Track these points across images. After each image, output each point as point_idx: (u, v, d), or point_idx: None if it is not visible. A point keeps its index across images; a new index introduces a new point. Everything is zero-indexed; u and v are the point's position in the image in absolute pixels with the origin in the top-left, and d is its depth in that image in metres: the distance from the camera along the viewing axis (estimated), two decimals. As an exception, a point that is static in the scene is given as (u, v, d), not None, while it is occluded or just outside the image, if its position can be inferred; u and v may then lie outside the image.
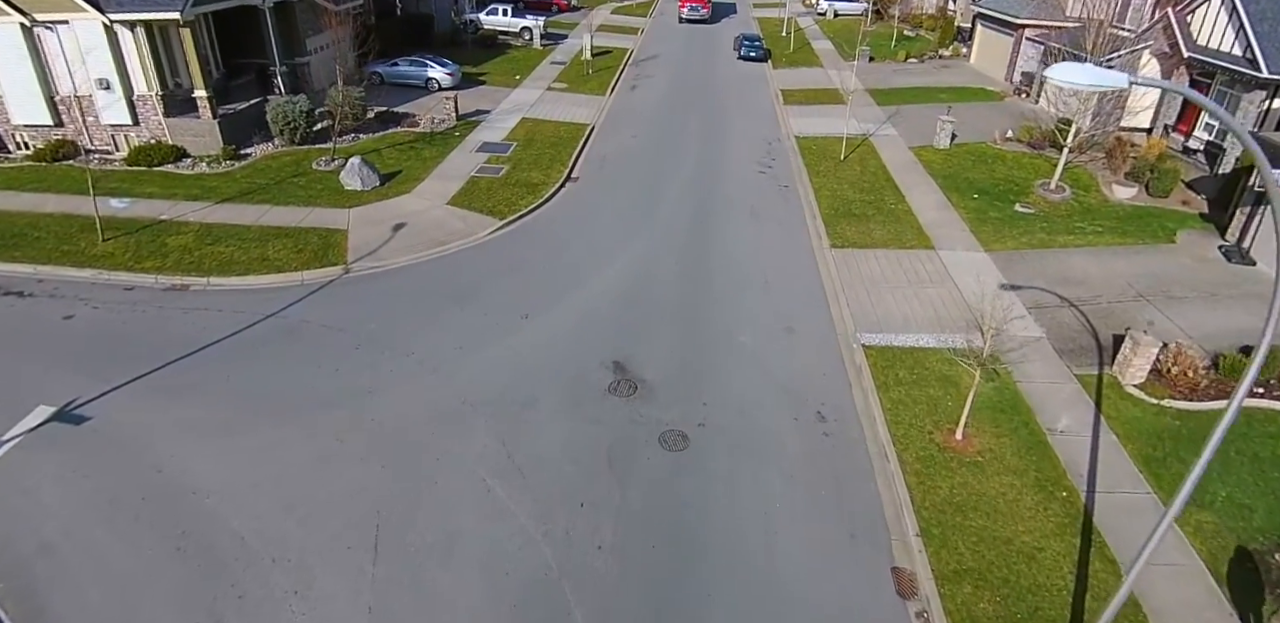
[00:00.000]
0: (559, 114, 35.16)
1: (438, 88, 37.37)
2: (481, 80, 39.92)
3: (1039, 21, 39.74)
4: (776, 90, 40.58)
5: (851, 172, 29.17)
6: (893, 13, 59.64)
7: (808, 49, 50.60)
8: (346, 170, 26.32)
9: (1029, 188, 28.04)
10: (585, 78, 41.40)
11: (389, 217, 24.39)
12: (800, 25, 58.17)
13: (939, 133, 31.65)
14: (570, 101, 37.24)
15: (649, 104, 37.54)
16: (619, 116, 35.49)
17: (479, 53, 45.00)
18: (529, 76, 41.26)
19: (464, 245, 22.86)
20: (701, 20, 58.44)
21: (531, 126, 33.18)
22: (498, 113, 34.89)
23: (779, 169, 29.65)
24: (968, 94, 40.03)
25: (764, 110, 37.31)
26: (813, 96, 39.29)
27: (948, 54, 48.92)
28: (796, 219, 25.29)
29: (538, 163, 29.01)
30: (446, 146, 30.39)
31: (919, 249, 23.32)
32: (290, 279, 20.96)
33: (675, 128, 33.90)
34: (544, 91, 38.66)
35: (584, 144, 31.57)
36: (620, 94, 39.30)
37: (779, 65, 46.15)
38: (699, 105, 37.58)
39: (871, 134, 33.49)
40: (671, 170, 28.91)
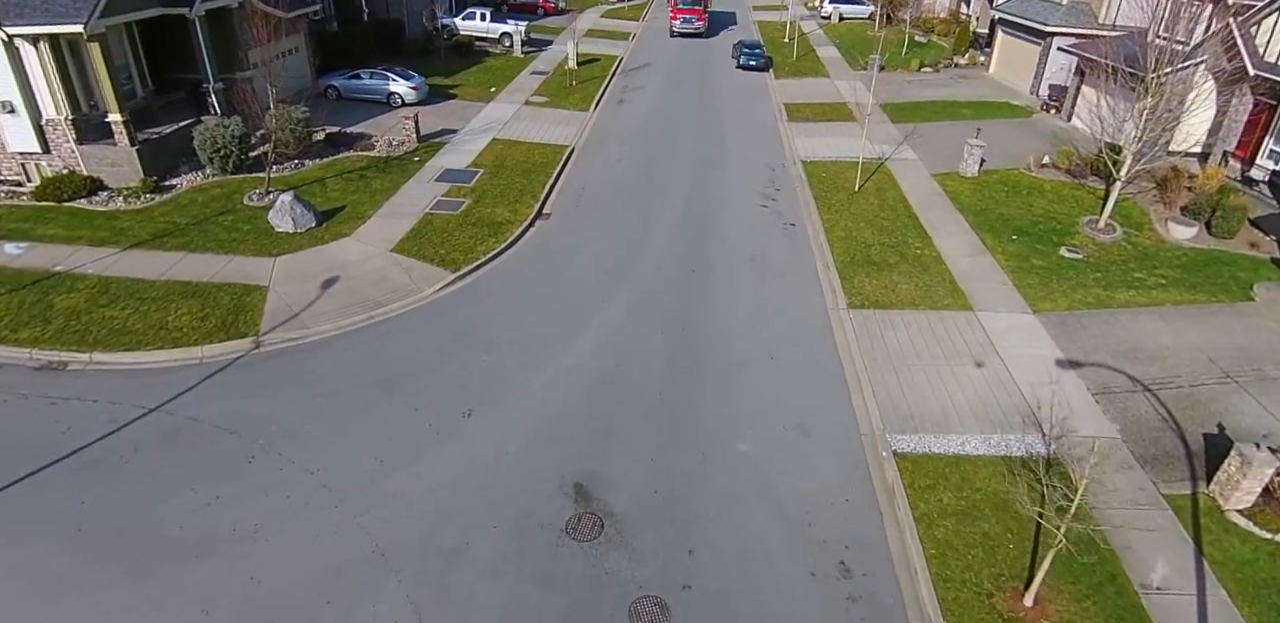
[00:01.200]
0: (535, 134, 31.23)
1: (400, 103, 33.45)
2: (452, 93, 35.98)
3: (1071, 29, 35.86)
4: (779, 104, 36.67)
5: (867, 205, 25.27)
6: (903, 17, 55.64)
7: (812, 57, 46.67)
8: (276, 209, 22.40)
9: (1074, 226, 24.17)
10: (568, 90, 37.47)
11: (320, 268, 20.48)
12: (803, 30, 54.17)
13: (966, 158, 27.74)
14: (549, 118, 33.32)
15: (637, 121, 33.63)
16: (603, 136, 31.56)
17: (453, 62, 41.04)
18: (506, 89, 37.32)
19: (405, 307, 18.95)
20: (696, 34, 51.41)
21: (503, 149, 29.25)
22: (466, 133, 30.96)
23: (784, 202, 25.74)
24: (991, 109, 36.13)
25: (766, 128, 33.40)
26: (820, 112, 35.38)
27: (964, 62, 45.02)
28: (806, 269, 21.38)
29: (505, 195, 25.10)
30: (402, 175, 26.47)
31: (954, 310, 19.43)
32: (187, 356, 17.08)
33: (665, 150, 29.99)
34: (521, 107, 34.72)
35: (560, 171, 27.66)
36: (606, 109, 35.37)
37: (781, 75, 42.22)
38: (693, 122, 33.67)
39: (888, 158, 29.59)
40: (659, 204, 25.01)
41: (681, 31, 51.17)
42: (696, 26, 50.89)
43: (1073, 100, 34.01)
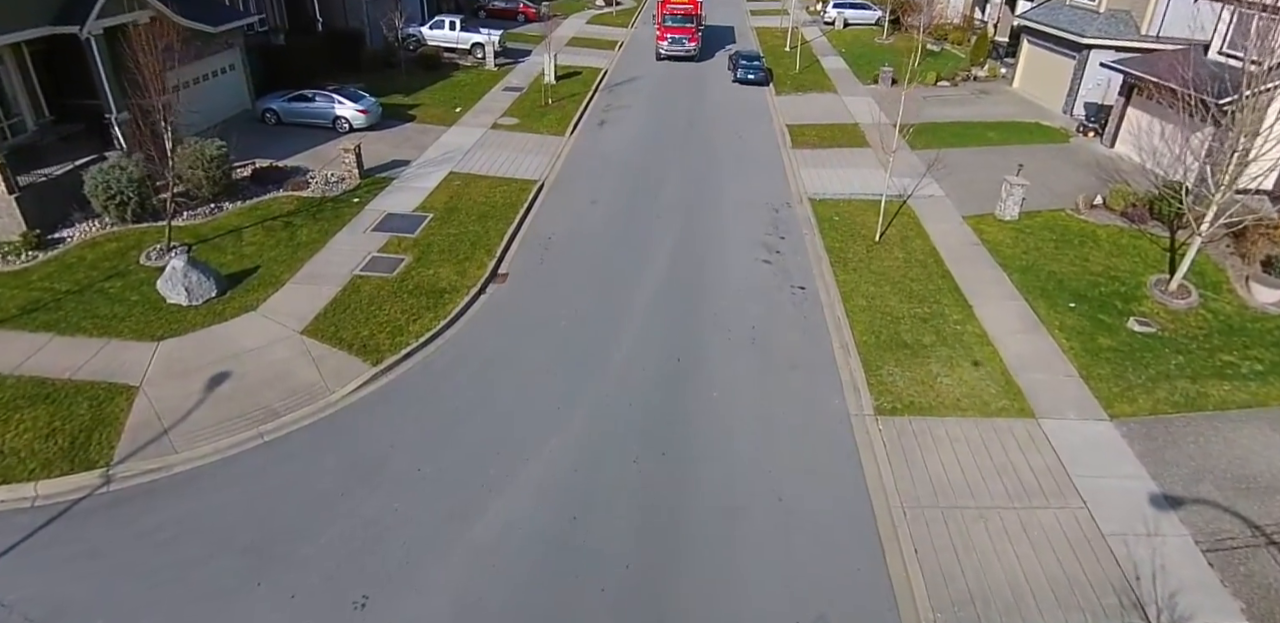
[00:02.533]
0: (500, 166, 27.00)
1: (348, 129, 29.21)
2: (411, 115, 31.72)
3: (1112, 41, 31.69)
4: (782, 126, 32.44)
5: (891, 260, 21.08)
6: (913, 23, 51.40)
7: (817, 68, 42.40)
8: (166, 277, 18.17)
9: (1140, 288, 20.02)
10: (543, 110, 33.22)
11: (210, 358, 16.27)
12: (806, 37, 49.92)
13: (1005, 199, 23.55)
14: (518, 145, 29.09)
15: (619, 148, 29.40)
16: (578, 169, 27.32)
17: (417, 77, 36.76)
18: (472, 108, 33.05)
19: (306, 419, 14.73)
20: (687, 57, 43.30)
21: (460, 187, 25.01)
22: (420, 165, 26.71)
23: (790, 255, 21.53)
24: (1021, 132, 31.94)
25: (767, 156, 29.17)
26: (828, 136, 31.14)
27: (983, 74, 40.81)
28: (821, 354, 17.15)
29: (454, 249, 20.88)
30: (336, 221, 22.26)
31: (1012, 417, 15.25)
32: (15, 497, 12.96)
33: (650, 187, 25.76)
34: (487, 131, 30.46)
35: (525, 215, 23.43)
36: (584, 133, 31.11)
37: (783, 90, 37.98)
38: (683, 149, 29.43)
39: (910, 194, 25.41)
40: (640, 261, 20.80)
41: (670, 54, 43.28)
42: (688, 48, 42.95)
43: (1117, 123, 29.81)
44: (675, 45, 42.86)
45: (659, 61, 43.37)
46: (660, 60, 43.40)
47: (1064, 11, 34.98)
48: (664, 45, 43.15)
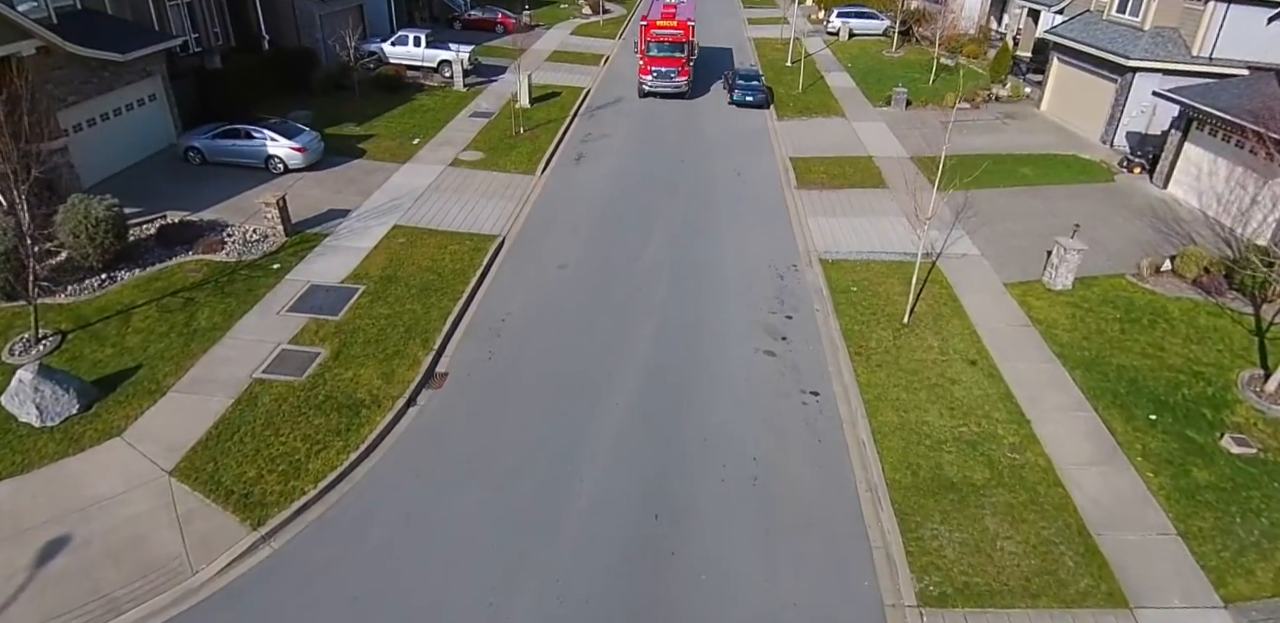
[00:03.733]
0: (455, 216, 23.08)
1: (283, 169, 25.29)
2: (361, 149, 27.78)
3: (1161, 63, 27.82)
4: (785, 160, 28.49)
5: (924, 351, 17.17)
6: (924, 33, 47.50)
7: (822, 87, 38.42)
8: (11, 392, 14.30)
9: (1230, 388, 16.19)
10: (513, 141, 29.27)
11: (51, 511, 12.45)
12: (808, 49, 46.05)
13: (1056, 264, 19.65)
14: (480, 187, 25.16)
15: (596, 190, 25.46)
16: (546, 219, 23.39)
17: (375, 101, 32.77)
18: (432, 140, 29.09)
19: (152, 621, 10.90)
20: (677, 94, 35.92)
21: (403, 247, 21.11)
22: (361, 216, 22.80)
23: (800, 343, 17.61)
24: (1058, 167, 28.05)
25: (769, 200, 25.24)
26: (839, 173, 27.18)
27: (1005, 94, 36.89)
28: (843, 502, 13.19)
29: (384, 338, 16.99)
30: (246, 298, 18.35)
31: (1098, 606, 11.40)
32: None
33: (631, 244, 21.83)
34: (445, 169, 26.51)
35: (476, 286, 19.51)
36: (558, 171, 27.16)
37: (785, 113, 34.03)
38: (671, 193, 25.48)
39: (939, 253, 21.54)
40: (614, 354, 16.87)
41: (654, 90, 35.89)
42: (676, 84, 35.58)
43: (1171, 161, 25.94)
44: (661, 80, 35.60)
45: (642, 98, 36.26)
46: (644, 98, 36.11)
47: (1101, 27, 31.09)
48: (648, 80, 35.71)
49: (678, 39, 35.25)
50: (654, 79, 35.54)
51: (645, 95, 36.13)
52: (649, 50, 35.47)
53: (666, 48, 35.26)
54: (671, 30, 35.12)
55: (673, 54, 35.49)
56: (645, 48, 35.56)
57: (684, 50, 35.53)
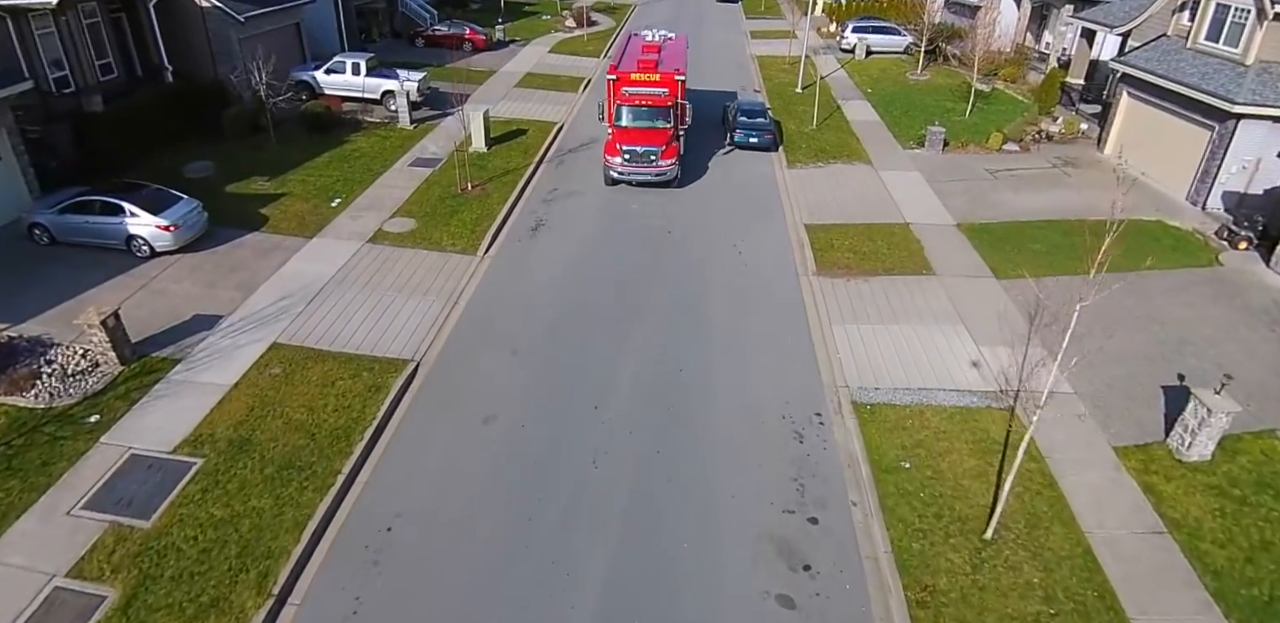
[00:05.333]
0: (357, 328, 17.17)
1: (149, 253, 19.50)
2: (262, 216, 21.94)
3: (1273, 107, 21.94)
4: (799, 229, 22.49)
5: (1021, 599, 11.17)
6: (952, 51, 41.57)
7: (839, 121, 32.42)
8: None
9: None
10: (457, 201, 23.38)
11: None
12: (820, 69, 40.12)
13: (1193, 428, 13.76)
14: (401, 277, 19.27)
15: (552, 284, 19.41)
16: (480, 332, 17.34)
17: (298, 145, 26.89)
18: (356, 201, 23.22)
19: None
20: (661, 181, 24.54)
21: (277, 381, 15.25)
22: (232, 329, 16.93)
23: (830, 578, 11.60)
24: (1143, 239, 22.03)
25: (780, 297, 19.05)
26: (870, 251, 21.08)
27: (1057, 130, 30.95)
28: None
29: (206, 568, 11.16)
30: (37, 478, 12.63)
31: None
32: None
33: (590, 379, 15.77)
34: (362, 247, 20.66)
35: (362, 457, 13.65)
36: (508, 248, 21.21)
37: (797, 158, 28.05)
38: (650, 285, 19.39)
39: (1017, 389, 15.62)
40: (551, 604, 11.11)
41: (627, 178, 24.47)
42: (661, 170, 24.13)
43: (1300, 240, 20.10)
44: (638, 164, 23.88)
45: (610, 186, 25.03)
46: (612, 185, 24.82)
47: (1185, 59, 25.17)
48: (618, 163, 23.98)
49: (661, 102, 24.28)
50: (626, 162, 23.95)
51: (614, 183, 24.77)
52: (619, 117, 24.41)
53: (645, 115, 24.31)
54: (653, 88, 24.62)
55: (654, 123, 24.28)
56: (614, 112, 24.57)
57: (670, 118, 24.42)
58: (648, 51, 27.03)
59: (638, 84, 24.79)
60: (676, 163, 24.50)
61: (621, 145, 24.10)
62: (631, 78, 24.86)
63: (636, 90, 24.67)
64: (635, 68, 25.18)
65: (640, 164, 24.03)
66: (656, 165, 24.10)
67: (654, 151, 23.98)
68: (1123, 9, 30.91)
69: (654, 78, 24.81)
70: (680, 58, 26.96)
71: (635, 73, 24.90)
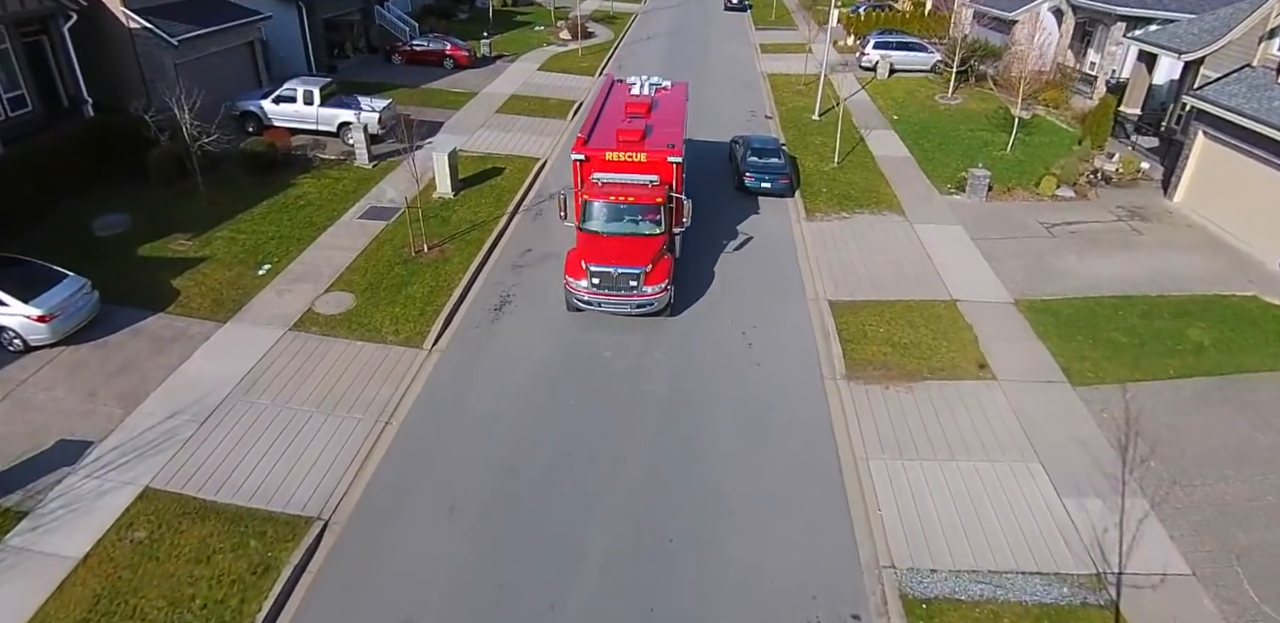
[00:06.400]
0: (256, 460, 13.20)
1: (22, 348, 15.68)
2: (172, 290, 18.06)
3: None
4: (823, 309, 18.34)
5: None
6: (985, 71, 37.43)
7: (864, 156, 28.31)
8: None
9: None
10: (409, 268, 19.42)
11: None
12: (840, 91, 36.07)
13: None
14: (324, 381, 15.30)
15: (512, 395, 15.32)
16: (415, 469, 13.37)
17: (235, 191, 22.94)
18: (289, 267, 19.27)
19: None
20: (647, 311, 17.33)
21: (140, 550, 11.39)
22: (98, 465, 13.01)
23: None
24: (1240, 323, 17.90)
25: (803, 422, 14.80)
26: (912, 342, 16.91)
27: (1114, 169, 26.84)
28: None
29: None
30: None
31: None
32: None
33: (551, 554, 11.88)
34: (284, 335, 16.68)
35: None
36: (461, 339, 17.06)
37: (817, 206, 23.97)
38: (634, 397, 15.46)
39: (1111, 567, 11.66)
40: None
41: (597, 305, 17.20)
42: (647, 301, 17.02)
43: None
44: (611, 290, 16.89)
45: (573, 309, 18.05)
46: (575, 311, 17.74)
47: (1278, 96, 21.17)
48: (582, 287, 17.01)
49: (647, 196, 17.24)
50: (595, 289, 16.81)
51: (578, 309, 17.54)
52: (587, 217, 17.41)
53: (624, 215, 17.27)
54: (636, 175, 17.65)
55: (636, 228, 17.24)
56: (582, 205, 17.58)
57: (660, 220, 17.32)
58: (632, 113, 19.80)
59: (615, 167, 17.82)
60: (668, 287, 17.02)
61: (589, 263, 16.71)
62: (606, 158, 17.80)
63: (613, 178, 17.72)
64: (613, 143, 17.97)
65: (615, 292, 16.78)
66: (639, 293, 16.78)
67: (635, 274, 16.61)
68: (1191, 31, 26.82)
69: (638, 158, 17.71)
70: (676, 122, 19.85)
71: (612, 151, 17.77)
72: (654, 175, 17.78)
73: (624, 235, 17.29)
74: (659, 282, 17.00)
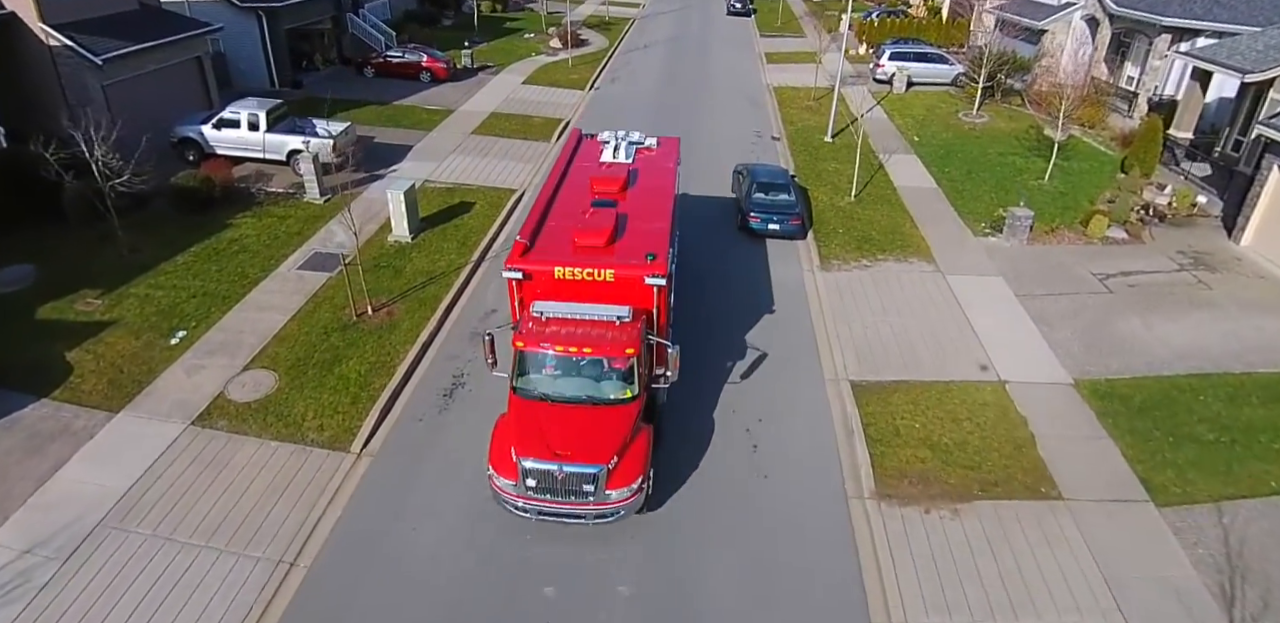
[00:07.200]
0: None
1: None
2: (65, 365, 14.95)
3: None
4: (844, 397, 15.10)
5: None
6: (1011, 85, 34.24)
7: (885, 187, 25.04)
8: None
9: None
10: (345, 338, 16.23)
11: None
12: (854, 107, 32.91)
13: None
14: (223, 500, 12.13)
15: (455, 520, 12.21)
16: None
17: (161, 234, 19.86)
18: (205, 335, 16.12)
19: None
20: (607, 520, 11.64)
21: None
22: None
23: None
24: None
25: (822, 578, 11.69)
26: (954, 447, 13.63)
27: (1164, 201, 23.71)
28: None
29: None
30: None
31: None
32: None
33: None
34: (183, 432, 13.56)
35: None
36: (400, 437, 13.83)
37: (833, 250, 20.77)
38: (618, 526, 12.52)
39: None
40: None
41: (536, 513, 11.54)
42: (604, 506, 11.37)
43: None
44: (552, 495, 11.29)
45: None
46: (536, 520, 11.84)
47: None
48: (509, 488, 11.43)
49: (614, 346, 11.74)
50: (530, 492, 11.33)
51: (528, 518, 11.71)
52: (522, 370, 12.16)
53: (580, 374, 12.06)
54: (598, 310, 11.94)
55: (598, 392, 11.97)
56: (515, 364, 12.18)
57: (633, 380, 11.92)
58: (599, 197, 14.37)
59: (568, 290, 12.20)
60: (642, 485, 11.51)
61: (520, 455, 11.22)
62: (555, 276, 12.20)
63: (562, 310, 11.96)
64: (566, 254, 12.44)
65: (557, 497, 11.28)
66: (593, 501, 11.25)
67: (590, 475, 11.11)
68: (1256, 47, 23.66)
69: (603, 277, 12.10)
70: (661, 210, 14.15)
71: (564, 265, 12.19)
72: (624, 306, 11.94)
73: (577, 403, 11.80)
74: (628, 482, 11.27)
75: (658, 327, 12.61)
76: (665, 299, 12.73)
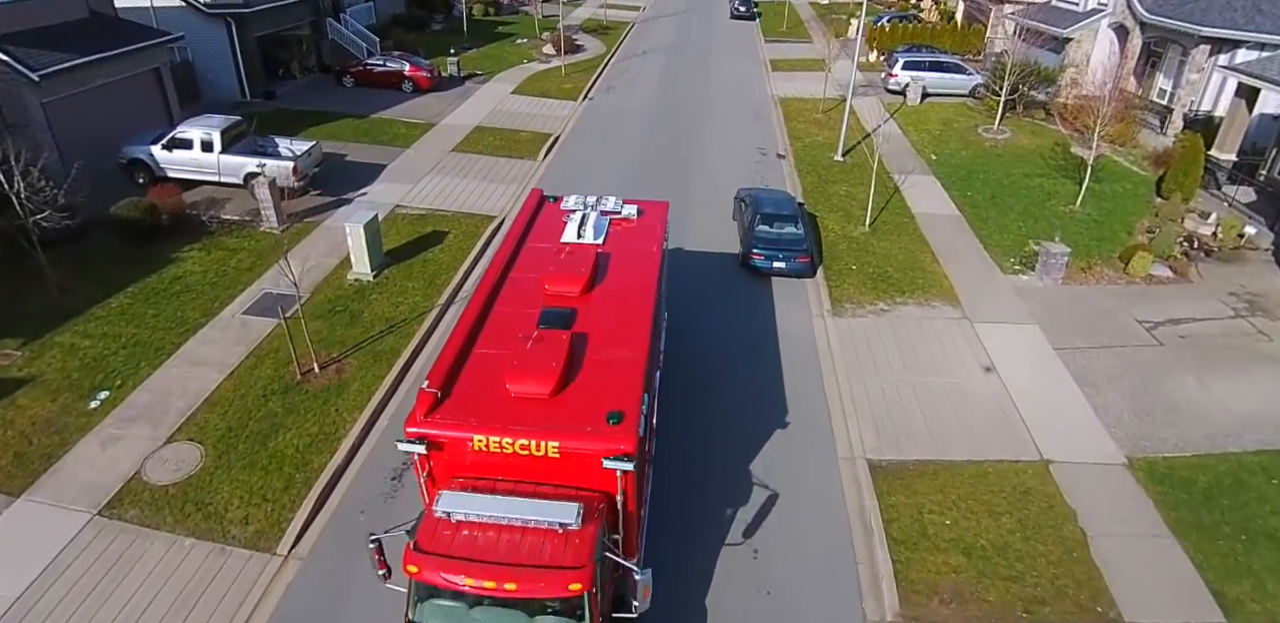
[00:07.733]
0: None
1: None
2: (-49, 440, 13.05)
3: None
4: (861, 483, 12.93)
5: None
6: (1035, 97, 32.05)
7: (900, 212, 22.84)
8: None
9: None
10: (286, 403, 14.11)
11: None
12: (865, 121, 30.79)
13: None
14: (121, 612, 10.23)
15: None
16: None
17: (97, 267, 17.87)
18: (129, 397, 14.02)
19: None
20: None
21: None
22: None
23: None
24: None
25: None
26: (993, 551, 11.48)
27: (1208, 231, 21.57)
28: None
29: None
30: None
31: None
32: None
33: None
34: (85, 526, 11.42)
35: None
36: (337, 535, 11.69)
37: (846, 291, 18.59)
38: None
39: None
40: None
41: None
42: None
43: None
44: None
45: None
46: None
47: None
48: None
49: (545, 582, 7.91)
50: None
51: None
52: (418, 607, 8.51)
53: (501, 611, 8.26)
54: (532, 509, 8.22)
55: None
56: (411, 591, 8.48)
57: None
58: (554, 299, 10.86)
59: (492, 467, 8.75)
60: None
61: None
62: (473, 448, 8.61)
63: (477, 511, 8.28)
64: (493, 412, 8.79)
65: None
66: None
67: None
68: (1312, 62, 21.54)
69: (542, 450, 8.48)
70: (638, 320, 10.59)
71: (484, 432, 8.57)
72: (572, 503, 8.31)
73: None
74: None
75: (624, 520, 8.70)
76: (637, 487, 8.79)
